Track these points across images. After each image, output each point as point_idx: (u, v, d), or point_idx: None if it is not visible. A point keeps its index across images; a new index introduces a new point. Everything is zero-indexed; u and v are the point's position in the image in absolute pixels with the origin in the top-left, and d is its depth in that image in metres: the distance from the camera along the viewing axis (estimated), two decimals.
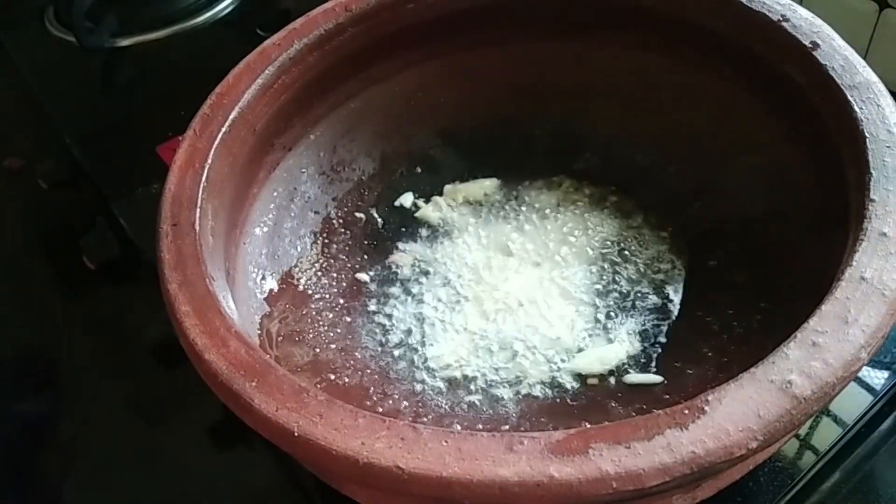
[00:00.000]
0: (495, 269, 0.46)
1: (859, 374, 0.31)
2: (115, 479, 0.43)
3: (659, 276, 0.44)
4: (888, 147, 0.34)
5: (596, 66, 0.48)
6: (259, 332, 0.40)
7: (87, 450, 0.44)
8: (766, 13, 0.40)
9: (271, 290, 0.43)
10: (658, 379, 0.40)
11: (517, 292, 0.44)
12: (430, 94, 0.50)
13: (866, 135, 0.34)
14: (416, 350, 0.42)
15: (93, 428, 0.45)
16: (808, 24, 0.39)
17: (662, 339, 0.42)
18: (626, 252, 0.46)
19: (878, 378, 0.41)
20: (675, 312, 0.43)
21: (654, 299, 0.43)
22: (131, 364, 0.47)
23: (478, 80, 0.50)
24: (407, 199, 0.50)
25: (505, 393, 0.40)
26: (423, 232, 0.49)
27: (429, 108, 0.50)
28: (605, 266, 0.45)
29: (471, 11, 0.47)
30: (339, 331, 0.43)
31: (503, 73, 0.50)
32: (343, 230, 0.48)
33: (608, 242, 0.47)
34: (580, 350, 0.42)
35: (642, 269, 0.45)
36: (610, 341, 0.42)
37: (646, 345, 0.42)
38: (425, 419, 0.39)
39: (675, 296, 0.44)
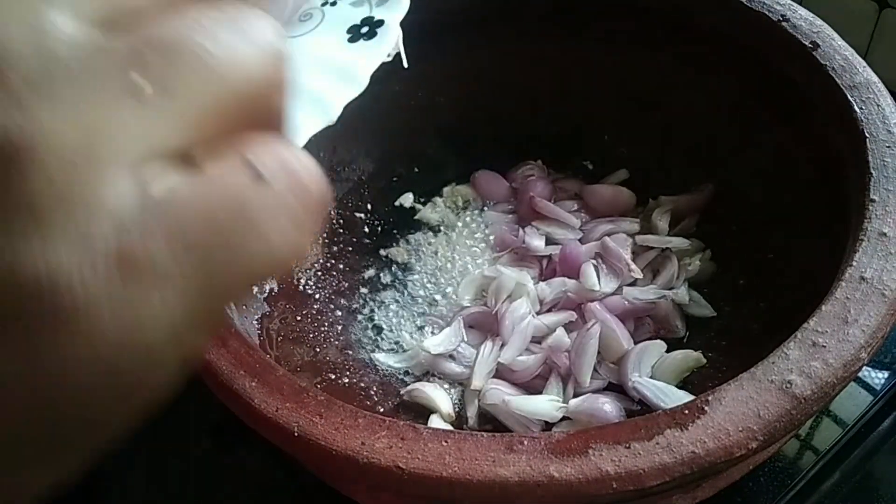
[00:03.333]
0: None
1: (859, 374, 0.31)
2: (115, 479, 0.42)
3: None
4: (888, 147, 0.34)
5: (596, 65, 0.48)
6: (259, 332, 0.40)
7: None
8: (766, 13, 0.40)
9: (271, 290, 0.43)
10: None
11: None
12: (430, 94, 0.50)
13: (866, 135, 0.34)
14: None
15: None
16: (808, 24, 0.39)
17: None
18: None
19: (878, 378, 0.41)
20: None
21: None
22: None
23: (478, 80, 0.50)
24: (407, 200, 0.50)
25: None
26: (423, 232, 0.49)
27: (429, 108, 0.50)
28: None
29: (471, 11, 0.47)
30: (339, 330, 0.43)
31: (503, 73, 0.50)
32: (343, 230, 0.48)
33: None
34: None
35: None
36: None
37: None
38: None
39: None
